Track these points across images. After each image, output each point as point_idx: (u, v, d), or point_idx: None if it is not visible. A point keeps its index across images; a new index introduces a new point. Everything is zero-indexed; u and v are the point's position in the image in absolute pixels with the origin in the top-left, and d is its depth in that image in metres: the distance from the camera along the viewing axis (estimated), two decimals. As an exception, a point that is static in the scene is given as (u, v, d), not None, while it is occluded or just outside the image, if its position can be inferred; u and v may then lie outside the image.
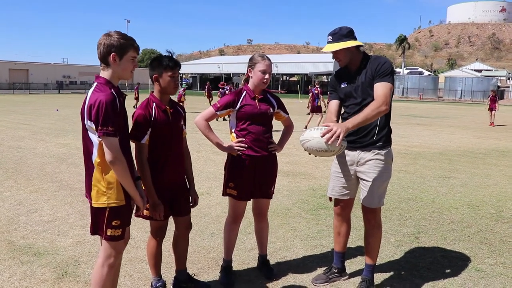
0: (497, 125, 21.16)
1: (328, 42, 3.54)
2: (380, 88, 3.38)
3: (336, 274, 3.89)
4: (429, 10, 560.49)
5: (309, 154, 3.34)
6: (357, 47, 3.55)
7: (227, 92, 19.01)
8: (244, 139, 3.63)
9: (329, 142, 3.06)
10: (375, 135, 3.52)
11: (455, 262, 4.34)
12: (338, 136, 3.05)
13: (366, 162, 3.55)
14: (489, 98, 22.95)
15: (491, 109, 21.98)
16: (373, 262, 3.75)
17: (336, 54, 3.54)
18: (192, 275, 3.81)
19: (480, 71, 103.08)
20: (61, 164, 8.95)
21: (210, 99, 25.20)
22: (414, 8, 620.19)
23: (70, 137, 13.17)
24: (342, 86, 3.65)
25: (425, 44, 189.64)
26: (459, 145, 13.28)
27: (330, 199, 3.86)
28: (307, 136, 3.27)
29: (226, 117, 3.79)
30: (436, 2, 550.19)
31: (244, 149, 3.61)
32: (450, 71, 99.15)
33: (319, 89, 17.65)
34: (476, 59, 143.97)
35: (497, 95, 22.89)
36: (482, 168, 9.47)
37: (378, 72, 3.42)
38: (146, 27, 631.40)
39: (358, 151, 3.58)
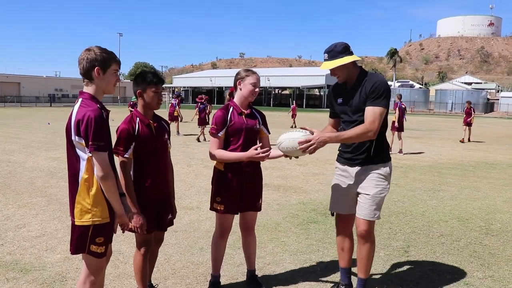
0: (472, 141, 19.10)
1: (325, 60, 3.56)
2: (370, 113, 3.40)
3: None
4: (419, 23, 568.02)
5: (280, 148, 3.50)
6: (354, 61, 3.57)
7: (207, 108, 18.24)
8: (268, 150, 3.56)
9: (302, 151, 3.32)
10: (371, 152, 3.55)
11: (444, 276, 4.35)
12: (314, 149, 3.29)
13: (364, 177, 3.59)
14: (464, 111, 20.14)
15: (468, 123, 19.28)
16: (366, 277, 3.74)
17: (333, 72, 3.56)
18: (155, 286, 3.82)
19: (470, 84, 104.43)
20: (51, 178, 8.88)
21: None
22: (405, 21, 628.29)
23: (60, 150, 13.08)
24: (338, 102, 3.68)
25: (415, 57, 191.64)
26: (450, 158, 13.37)
27: (332, 214, 3.88)
28: (287, 136, 3.45)
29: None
30: (426, 16, 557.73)
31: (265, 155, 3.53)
32: (441, 84, 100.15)
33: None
34: (466, 72, 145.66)
35: (472, 108, 19.94)
36: (472, 181, 9.53)
37: (371, 93, 3.43)
38: (138, 40, 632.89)
39: (357, 167, 3.62)
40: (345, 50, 3.51)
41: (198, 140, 16.77)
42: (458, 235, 5.66)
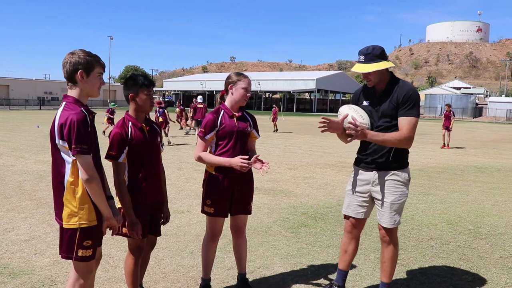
0: (453, 147, 18.25)
1: (359, 62, 3.51)
2: (406, 122, 3.41)
3: None
4: (409, 29, 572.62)
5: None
6: (387, 67, 3.54)
7: (167, 113, 18.33)
8: (250, 161, 3.56)
9: (346, 128, 3.37)
10: (390, 157, 3.54)
11: (434, 279, 4.38)
12: (353, 135, 3.33)
13: (382, 183, 3.59)
14: (443, 115, 18.97)
15: (446, 127, 18.20)
16: (389, 281, 3.76)
17: (367, 75, 3.51)
18: None
19: (459, 88, 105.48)
20: (40, 181, 8.81)
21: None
22: (395, 27, 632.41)
23: (50, 154, 12.95)
24: (364, 104, 3.65)
25: (405, 62, 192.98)
26: (439, 162, 13.47)
27: (345, 216, 3.88)
28: (346, 110, 3.51)
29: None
30: (415, 21, 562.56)
31: (245, 166, 3.53)
32: (430, 89, 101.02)
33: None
34: (455, 77, 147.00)
35: (452, 111, 18.78)
36: (461, 185, 9.61)
37: (404, 103, 3.42)
38: (129, 44, 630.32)
39: (374, 171, 3.62)
40: (382, 55, 3.49)
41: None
42: (447, 238, 5.70)
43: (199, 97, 18.88)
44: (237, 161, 3.52)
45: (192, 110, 19.63)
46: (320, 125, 3.44)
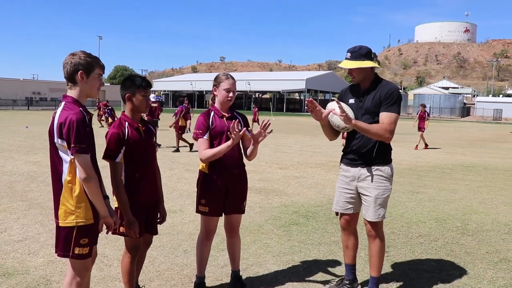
0: (430, 148, 18.02)
1: (346, 58, 3.72)
2: (386, 117, 3.59)
3: (348, 286, 4.02)
4: (398, 29, 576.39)
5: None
6: (372, 68, 3.72)
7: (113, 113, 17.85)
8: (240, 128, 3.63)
9: (334, 113, 3.55)
10: (374, 153, 3.71)
11: (423, 275, 4.48)
12: (343, 117, 3.44)
13: (366, 178, 3.74)
14: (417, 115, 18.65)
15: (420, 128, 17.93)
16: (378, 275, 3.89)
17: (351, 71, 3.72)
18: (142, 287, 3.87)
19: (447, 88, 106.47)
20: (31, 182, 8.79)
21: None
22: (384, 27, 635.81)
23: (40, 154, 12.93)
24: (350, 102, 3.82)
25: (394, 62, 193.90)
26: (428, 161, 13.64)
27: (336, 213, 4.03)
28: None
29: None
30: (404, 22, 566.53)
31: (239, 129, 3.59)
32: (419, 89, 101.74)
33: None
34: (443, 77, 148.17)
35: (427, 112, 18.42)
36: (449, 183, 9.76)
37: (386, 99, 3.61)
38: (118, 43, 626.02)
39: (359, 167, 3.77)
40: (368, 55, 3.67)
41: None
42: (435, 235, 5.82)
43: (152, 95, 18.19)
44: (230, 140, 3.57)
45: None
46: (308, 105, 3.62)
